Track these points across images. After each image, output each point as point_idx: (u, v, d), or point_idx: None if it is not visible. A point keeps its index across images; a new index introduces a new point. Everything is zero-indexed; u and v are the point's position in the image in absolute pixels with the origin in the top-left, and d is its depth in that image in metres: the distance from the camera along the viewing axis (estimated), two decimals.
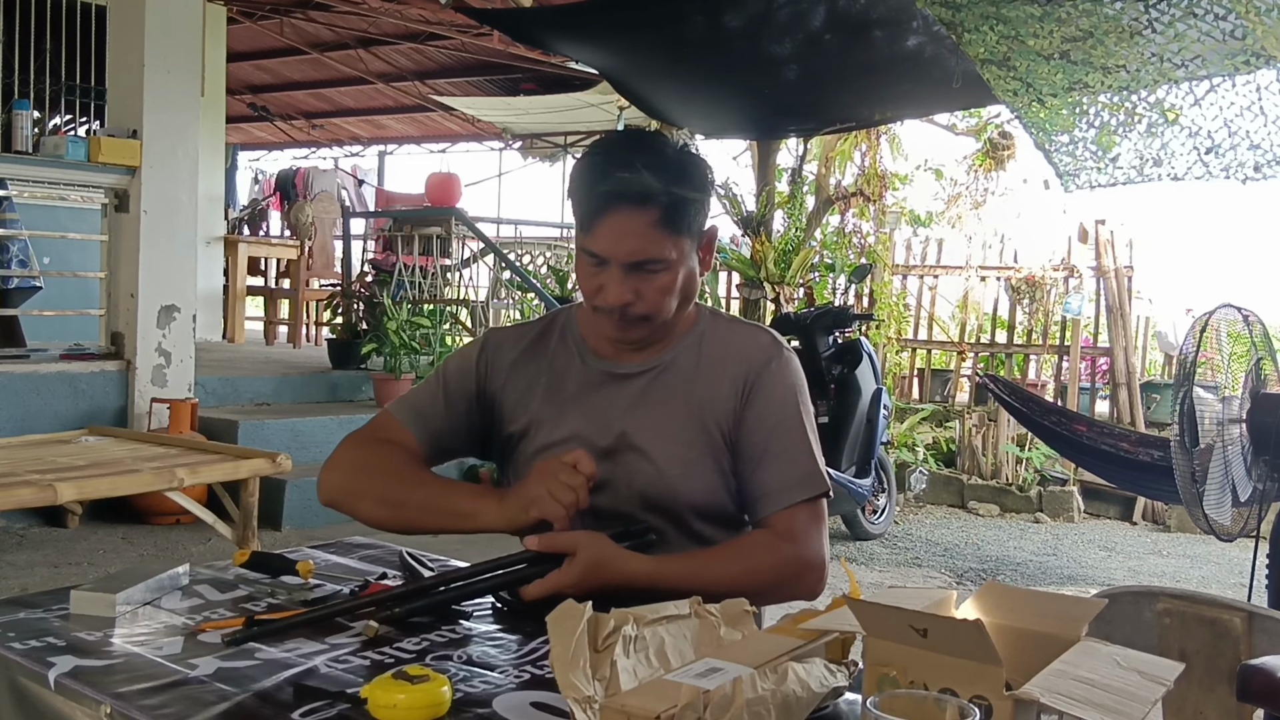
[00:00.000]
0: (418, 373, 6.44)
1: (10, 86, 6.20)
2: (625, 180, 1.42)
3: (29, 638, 1.23)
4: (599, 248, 1.45)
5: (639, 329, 1.51)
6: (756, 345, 1.55)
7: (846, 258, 7.51)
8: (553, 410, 1.55)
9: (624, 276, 1.45)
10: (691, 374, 1.54)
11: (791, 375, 1.54)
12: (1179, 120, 3.08)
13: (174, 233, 5.39)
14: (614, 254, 1.44)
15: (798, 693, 1.02)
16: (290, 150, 14.44)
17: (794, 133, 6.98)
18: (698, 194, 1.47)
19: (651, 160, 1.43)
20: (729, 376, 1.52)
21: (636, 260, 1.44)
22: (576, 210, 1.49)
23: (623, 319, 1.48)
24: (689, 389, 1.53)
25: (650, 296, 1.47)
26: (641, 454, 1.51)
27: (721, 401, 1.52)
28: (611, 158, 1.46)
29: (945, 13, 3.14)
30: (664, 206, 1.43)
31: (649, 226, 1.43)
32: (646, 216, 1.42)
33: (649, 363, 1.55)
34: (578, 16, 4.77)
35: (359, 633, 1.29)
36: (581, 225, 1.48)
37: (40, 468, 3.32)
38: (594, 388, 1.56)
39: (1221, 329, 3.76)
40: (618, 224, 1.43)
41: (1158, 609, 1.78)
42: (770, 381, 1.52)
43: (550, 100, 9.88)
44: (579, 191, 1.47)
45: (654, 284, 1.46)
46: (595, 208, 1.44)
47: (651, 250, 1.44)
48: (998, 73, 3.21)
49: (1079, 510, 6.68)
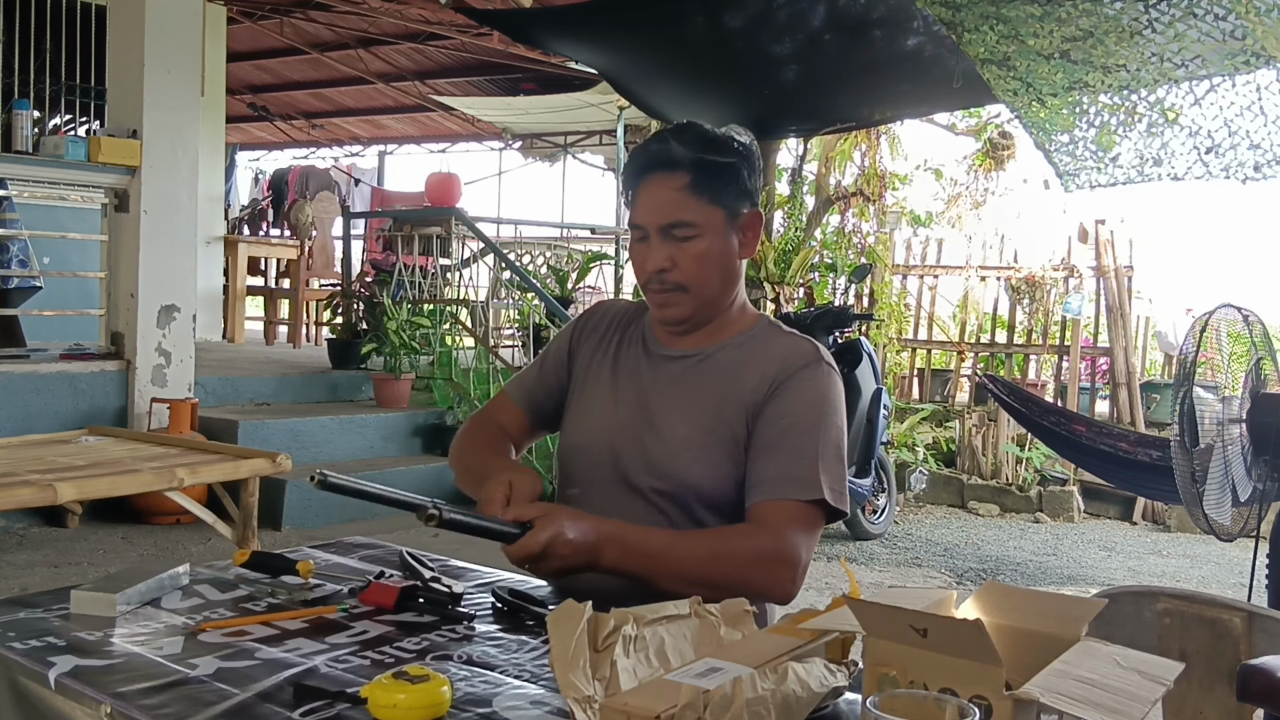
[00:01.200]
0: (418, 372, 6.44)
1: (10, 86, 6.20)
2: (656, 150, 1.56)
3: (29, 637, 1.23)
4: (638, 218, 1.57)
5: (679, 303, 1.57)
6: (797, 350, 1.58)
7: (846, 258, 7.52)
8: (600, 378, 1.68)
9: (660, 243, 1.55)
10: (730, 370, 1.59)
11: (824, 385, 1.55)
12: (1179, 120, 3.08)
13: (174, 233, 5.39)
14: (648, 220, 1.56)
15: (798, 693, 1.02)
16: (290, 150, 14.44)
17: (794, 133, 6.98)
18: (728, 160, 1.55)
19: (684, 135, 1.56)
20: (760, 377, 1.56)
21: (668, 223, 1.54)
22: (625, 192, 1.62)
23: (662, 288, 1.56)
24: (723, 383, 1.58)
25: (685, 264, 1.55)
26: (657, 431, 1.58)
27: (748, 395, 1.55)
28: (654, 137, 1.60)
29: (945, 13, 3.14)
30: (692, 172, 1.53)
31: (678, 190, 1.53)
32: (676, 181, 1.53)
33: (693, 350, 1.63)
34: (578, 16, 4.77)
35: (360, 632, 1.29)
36: (628, 203, 1.61)
37: (40, 468, 3.32)
38: (637, 366, 1.66)
39: (1221, 329, 3.76)
40: (650, 191, 1.55)
41: (1158, 609, 1.78)
42: (799, 384, 1.54)
43: (550, 100, 9.88)
44: (625, 174, 1.61)
45: (688, 251, 1.54)
46: (633, 181, 1.58)
47: (681, 213, 1.53)
48: (998, 72, 3.21)
49: (1079, 510, 6.68)
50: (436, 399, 6.33)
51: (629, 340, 1.70)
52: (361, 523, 5.14)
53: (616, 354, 1.69)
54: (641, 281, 1.60)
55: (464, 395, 6.29)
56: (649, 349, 1.67)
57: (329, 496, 5.78)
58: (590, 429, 1.65)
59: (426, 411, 6.22)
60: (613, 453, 1.59)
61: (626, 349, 1.69)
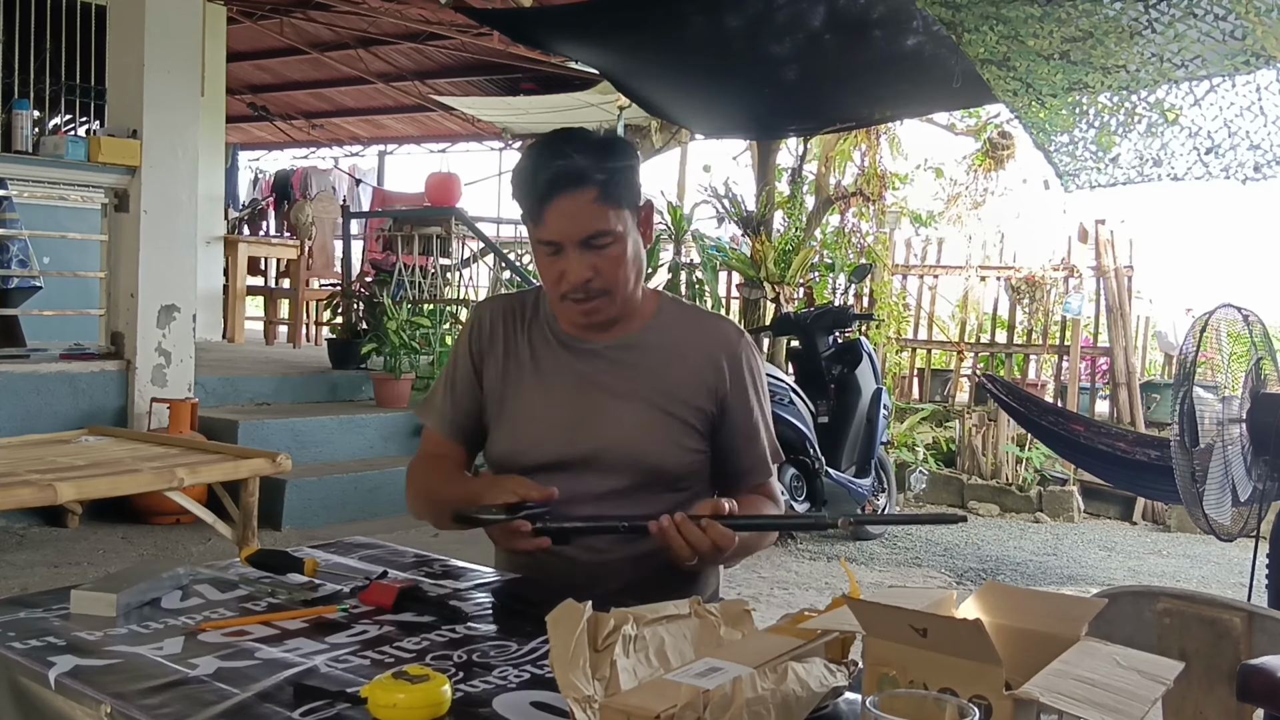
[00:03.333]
0: (418, 372, 6.44)
1: (10, 86, 6.19)
2: (561, 167, 1.57)
3: (29, 637, 1.23)
4: (552, 234, 1.58)
5: (604, 307, 1.63)
6: (727, 335, 1.73)
7: (846, 258, 7.51)
8: (522, 380, 1.70)
9: (579, 255, 1.58)
10: (662, 349, 1.69)
11: (759, 363, 1.76)
12: (1179, 120, 3.08)
13: (174, 233, 5.39)
14: (566, 235, 1.58)
15: (798, 692, 1.02)
16: (290, 150, 14.44)
17: (794, 132, 6.98)
18: (625, 165, 1.61)
19: (580, 146, 1.58)
20: (704, 359, 1.69)
21: (587, 235, 1.57)
22: (524, 209, 1.63)
23: (587, 298, 1.61)
24: (660, 366, 1.67)
25: (607, 270, 1.60)
26: (608, 422, 1.63)
27: (696, 379, 1.68)
28: (545, 152, 1.60)
29: (945, 13, 3.14)
30: (600, 183, 1.57)
31: (591, 203, 1.57)
32: (587, 195, 1.56)
33: (618, 340, 1.69)
34: (578, 16, 4.77)
35: (359, 632, 1.29)
36: (532, 220, 1.61)
37: (40, 468, 3.32)
38: (564, 360, 1.69)
39: (1221, 329, 3.76)
40: (563, 207, 1.57)
41: (1158, 609, 1.78)
42: (744, 367, 1.71)
43: (550, 100, 9.87)
44: (522, 189, 1.61)
45: (607, 256, 1.59)
46: (540, 198, 1.58)
47: (598, 224, 1.58)
48: (998, 73, 3.21)
49: (1079, 510, 6.68)
50: None
51: (536, 337, 1.72)
52: (361, 523, 5.15)
53: (531, 354, 1.71)
54: (559, 293, 1.62)
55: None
56: (566, 344, 1.70)
57: (329, 495, 5.77)
58: (534, 435, 1.67)
59: None
60: (564, 453, 1.63)
61: (540, 347, 1.71)
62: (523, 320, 1.74)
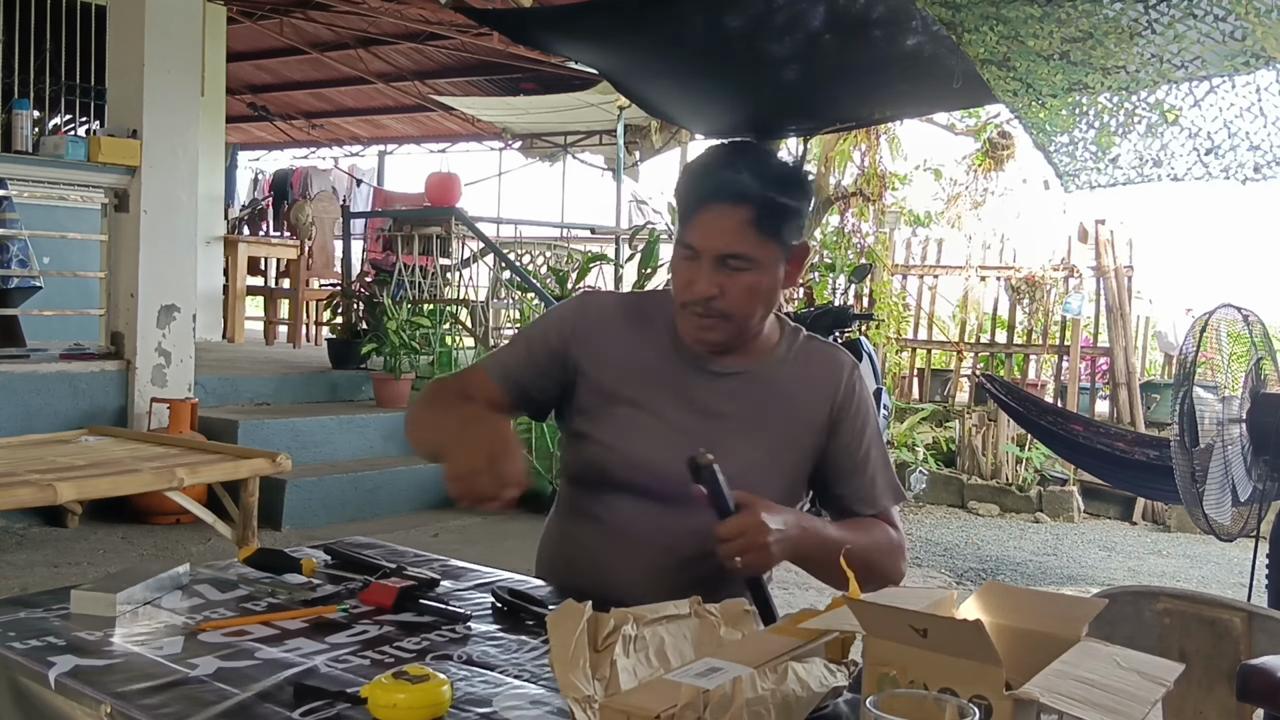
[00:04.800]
0: (418, 372, 6.44)
1: (10, 86, 6.19)
2: (726, 178, 1.52)
3: (29, 637, 1.23)
4: (693, 238, 1.54)
5: (720, 329, 1.57)
6: (840, 366, 1.68)
7: (846, 258, 7.51)
8: (636, 384, 1.61)
9: (713, 270, 1.53)
10: (782, 386, 1.63)
11: (868, 394, 1.70)
12: (1179, 121, 3.08)
13: (174, 233, 5.39)
14: (706, 245, 1.53)
15: (798, 692, 1.02)
16: (290, 150, 14.44)
17: (794, 132, 6.96)
18: (793, 203, 1.55)
19: (754, 165, 1.53)
20: (817, 396, 1.64)
21: (726, 253, 1.52)
22: (680, 206, 1.59)
23: (706, 314, 1.55)
24: (778, 403, 1.62)
25: (734, 294, 1.54)
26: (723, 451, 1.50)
27: (809, 418, 1.63)
28: (718, 159, 1.57)
29: (945, 13, 3.14)
30: (758, 207, 1.51)
31: (742, 224, 1.51)
32: (741, 214, 1.51)
33: (741, 367, 1.63)
34: (578, 16, 4.76)
35: (359, 632, 1.29)
36: (682, 219, 1.57)
37: (40, 467, 3.32)
38: (682, 378, 1.62)
39: (1221, 329, 3.76)
40: (713, 217, 1.52)
41: (1158, 609, 1.78)
42: (855, 401, 1.66)
43: (550, 100, 9.88)
44: (684, 188, 1.57)
45: (739, 281, 1.53)
46: (695, 201, 1.54)
47: (741, 246, 1.52)
48: (997, 73, 3.21)
49: (1079, 510, 6.68)
50: None
51: (654, 343, 1.63)
52: (361, 523, 5.15)
53: (644, 359, 1.62)
54: (682, 300, 1.56)
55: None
56: (691, 362, 1.62)
57: (329, 495, 5.78)
58: (642, 449, 1.57)
59: None
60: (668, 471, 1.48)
61: (656, 355, 1.62)
62: (643, 325, 1.65)
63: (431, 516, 5.44)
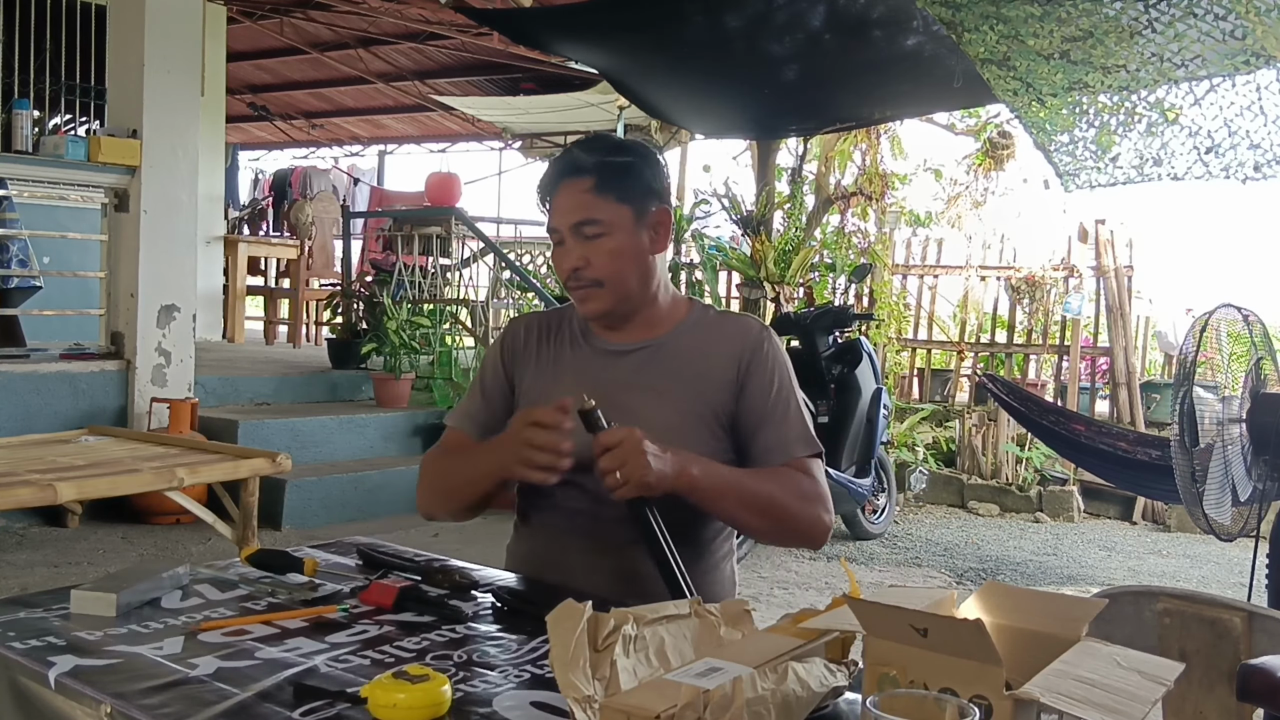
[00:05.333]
0: (418, 372, 6.44)
1: (10, 86, 6.19)
2: (565, 159, 1.68)
3: (29, 637, 1.23)
4: (552, 221, 1.68)
5: (598, 297, 1.67)
6: (748, 329, 1.74)
7: (846, 257, 7.51)
8: (550, 381, 1.72)
9: (574, 244, 1.65)
10: (688, 355, 1.70)
11: (782, 354, 1.73)
12: (1179, 120, 3.08)
13: (174, 232, 5.39)
14: (561, 222, 1.66)
15: (798, 692, 1.02)
16: (290, 150, 14.44)
17: (794, 132, 6.98)
18: (628, 159, 1.68)
19: (589, 144, 1.70)
20: (725, 356, 1.69)
21: (577, 221, 1.64)
22: (540, 206, 1.72)
23: (579, 284, 1.66)
24: (685, 367, 1.69)
25: (598, 260, 1.64)
26: (634, 418, 1.58)
27: (718, 377, 1.68)
28: (563, 153, 1.72)
29: (945, 12, 3.14)
30: (596, 174, 1.64)
31: (585, 192, 1.64)
32: (582, 184, 1.64)
33: (643, 342, 1.72)
34: (577, 16, 4.77)
35: (359, 632, 1.29)
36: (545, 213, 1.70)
37: (40, 467, 3.31)
38: (589, 362, 1.73)
39: (1221, 329, 3.75)
40: (561, 196, 1.67)
41: (1158, 609, 1.78)
42: (764, 358, 1.70)
43: (550, 100, 9.87)
44: (540, 188, 1.71)
45: (599, 247, 1.64)
46: (546, 191, 1.69)
47: (588, 212, 1.64)
48: (998, 72, 3.21)
49: (1079, 510, 6.68)
50: (436, 399, 6.33)
51: (565, 342, 1.76)
52: (361, 523, 5.15)
53: (557, 358, 1.75)
54: (564, 283, 1.69)
55: (464, 395, 6.29)
56: (595, 345, 1.74)
57: (329, 495, 5.79)
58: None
59: (426, 411, 6.22)
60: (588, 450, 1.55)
61: (568, 350, 1.75)
62: (557, 331, 1.78)
63: None
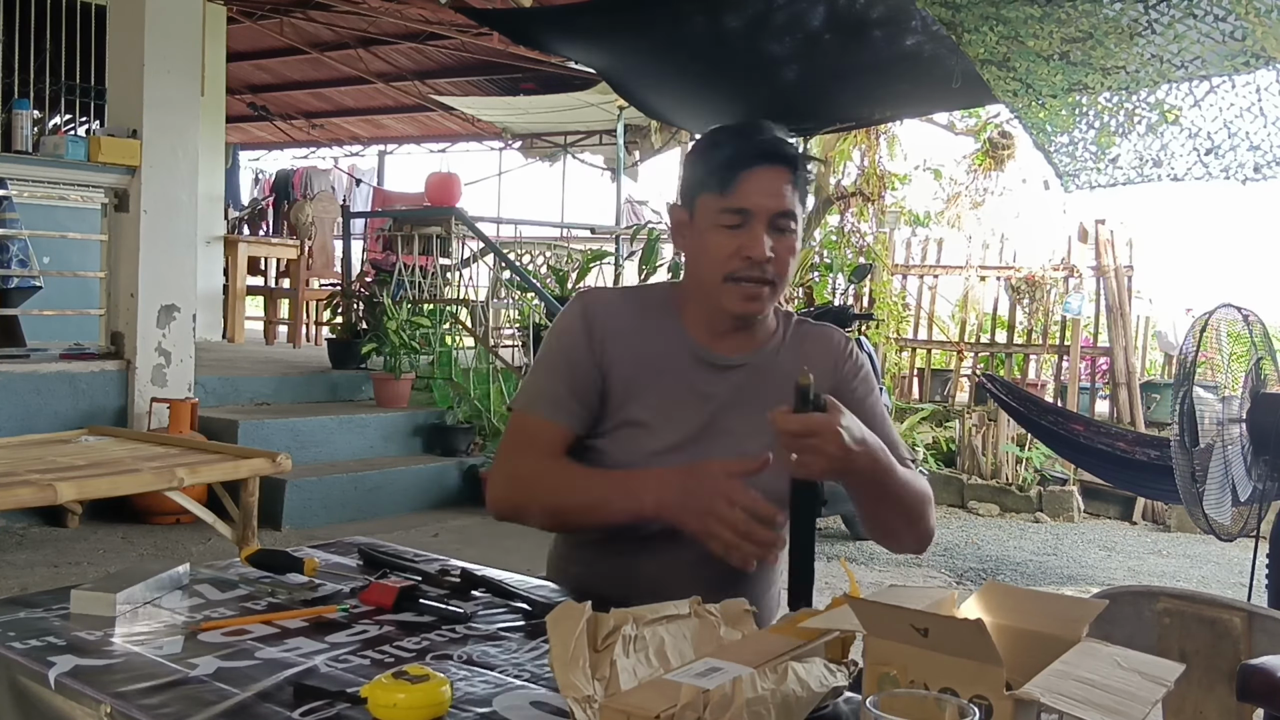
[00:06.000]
0: (418, 372, 6.44)
1: (10, 86, 6.19)
2: (774, 141, 1.54)
3: (29, 637, 1.23)
4: (745, 201, 1.51)
5: (768, 296, 1.56)
6: (833, 340, 1.69)
7: (846, 258, 7.51)
8: (648, 385, 1.58)
9: (765, 233, 1.52)
10: (784, 371, 1.57)
11: (864, 360, 1.70)
12: (1179, 121, 3.08)
13: (174, 233, 5.39)
14: (761, 206, 1.51)
15: (798, 692, 1.02)
16: (290, 150, 14.44)
17: (794, 133, 6.97)
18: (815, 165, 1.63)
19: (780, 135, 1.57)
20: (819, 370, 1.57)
21: (780, 211, 1.52)
22: (711, 175, 1.54)
23: (761, 280, 1.53)
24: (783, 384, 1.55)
25: (783, 256, 1.54)
26: (734, 440, 1.52)
27: None
28: (749, 127, 1.57)
29: (945, 13, 3.14)
30: (794, 170, 1.54)
31: (788, 184, 1.53)
32: (787, 174, 1.53)
33: (745, 357, 1.62)
34: (577, 17, 4.76)
35: (359, 632, 1.29)
36: (721, 185, 1.52)
37: (40, 467, 3.31)
38: (692, 372, 1.60)
39: (1221, 329, 3.76)
40: (766, 177, 1.52)
41: (1158, 609, 1.78)
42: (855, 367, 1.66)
43: (550, 100, 9.88)
44: (719, 156, 1.54)
45: (786, 244, 1.54)
46: (740, 164, 1.52)
47: (792, 204, 1.54)
48: (997, 73, 3.21)
49: (1079, 510, 6.68)
50: (436, 399, 6.33)
51: (660, 337, 1.60)
52: (361, 523, 5.15)
53: (656, 355, 1.59)
54: (728, 269, 1.52)
55: (464, 395, 6.30)
56: (695, 353, 1.60)
57: (329, 495, 5.79)
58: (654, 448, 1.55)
59: (426, 411, 6.22)
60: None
61: (663, 348, 1.60)
62: (645, 319, 1.62)
63: (431, 516, 5.44)
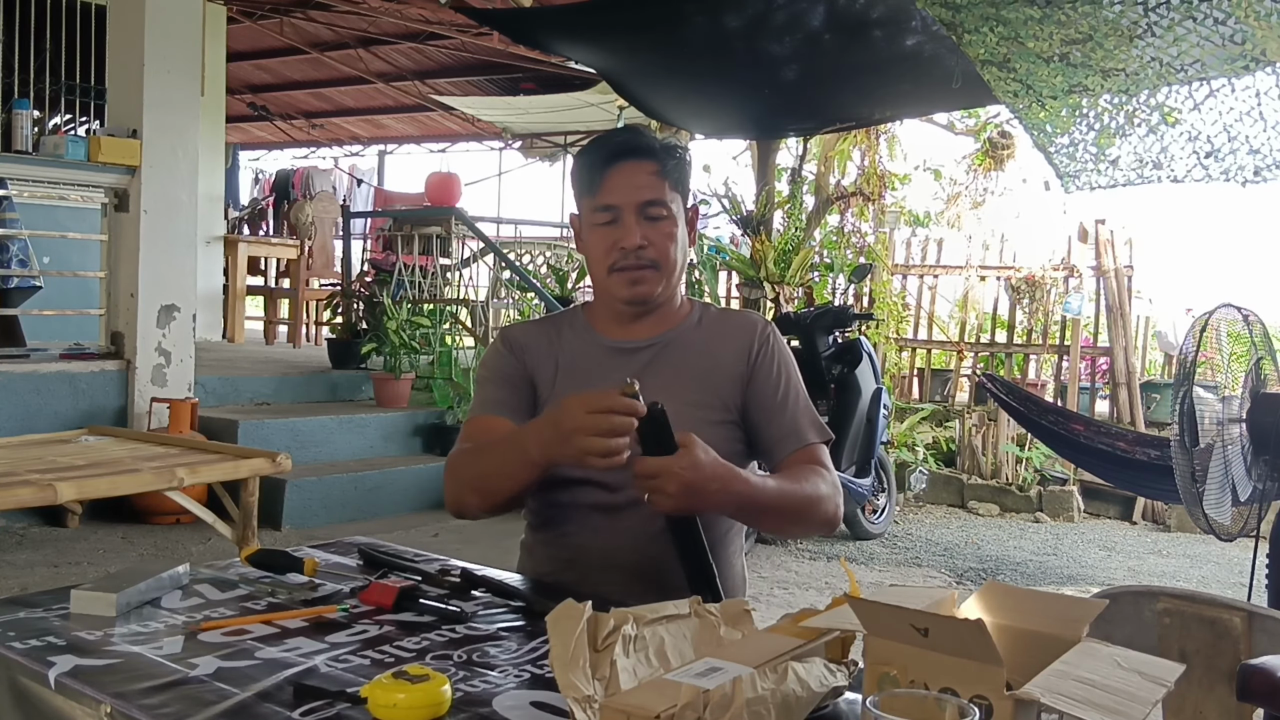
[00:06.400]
0: (418, 372, 6.44)
1: (10, 86, 6.19)
2: (629, 139, 1.68)
3: (29, 637, 1.23)
4: (610, 198, 1.65)
5: (650, 280, 1.66)
6: (753, 323, 1.77)
7: (846, 257, 7.51)
8: (569, 384, 1.68)
9: (636, 222, 1.64)
10: (696, 348, 1.72)
11: (785, 346, 1.78)
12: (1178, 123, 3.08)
13: (174, 232, 5.39)
14: (626, 199, 1.64)
15: (798, 692, 1.02)
16: (290, 150, 14.44)
17: (794, 133, 6.98)
18: (685, 153, 1.71)
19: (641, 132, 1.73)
20: (732, 350, 1.72)
21: (645, 200, 1.64)
22: (582, 182, 1.69)
23: (638, 265, 1.65)
24: (694, 362, 1.71)
25: (659, 242, 1.65)
26: None
27: (727, 371, 1.71)
28: (611, 132, 1.75)
29: (945, 13, 3.14)
30: (661, 160, 1.66)
31: (652, 174, 1.65)
32: (650, 166, 1.65)
33: (653, 339, 1.73)
34: (577, 16, 4.77)
35: (359, 632, 1.29)
36: (590, 189, 1.67)
37: (40, 467, 3.31)
38: (604, 361, 1.71)
39: (1221, 329, 3.75)
40: (626, 172, 1.65)
41: (1158, 609, 1.78)
42: (771, 350, 1.74)
43: (550, 100, 9.88)
44: (585, 163, 1.69)
45: (660, 230, 1.65)
46: (603, 164, 1.66)
47: (656, 193, 1.65)
48: (998, 74, 3.21)
49: (1079, 510, 6.68)
50: (436, 399, 6.33)
51: (569, 345, 1.74)
52: (361, 523, 5.15)
53: (565, 361, 1.73)
54: (609, 262, 1.66)
55: (464, 395, 6.30)
56: (603, 343, 1.73)
57: (329, 495, 5.80)
58: None
59: (426, 411, 6.22)
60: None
61: (574, 353, 1.73)
62: (557, 334, 1.76)
63: (431, 516, 5.44)
